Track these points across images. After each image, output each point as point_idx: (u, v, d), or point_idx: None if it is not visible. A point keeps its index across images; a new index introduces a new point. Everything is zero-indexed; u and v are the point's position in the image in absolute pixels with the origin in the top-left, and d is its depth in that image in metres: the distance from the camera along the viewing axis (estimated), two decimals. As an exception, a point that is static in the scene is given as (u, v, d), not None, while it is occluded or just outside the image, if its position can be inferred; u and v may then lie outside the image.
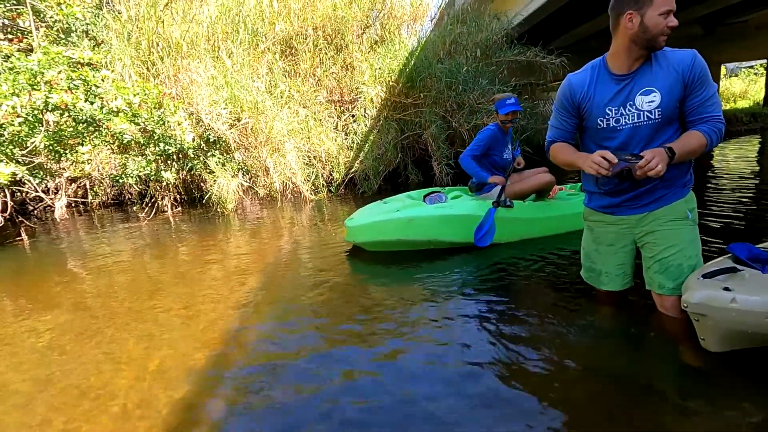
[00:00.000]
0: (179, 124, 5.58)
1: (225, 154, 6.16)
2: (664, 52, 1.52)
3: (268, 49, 7.14)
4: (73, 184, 6.38)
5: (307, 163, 6.65)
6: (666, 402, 1.44)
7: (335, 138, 6.92)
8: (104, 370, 1.90)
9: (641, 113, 1.52)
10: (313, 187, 6.59)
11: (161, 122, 5.49)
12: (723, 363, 1.52)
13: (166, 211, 5.95)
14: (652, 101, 1.49)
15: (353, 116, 7.18)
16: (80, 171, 5.73)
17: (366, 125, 6.97)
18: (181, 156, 5.99)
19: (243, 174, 6.31)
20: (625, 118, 1.55)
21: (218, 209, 5.84)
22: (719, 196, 4.41)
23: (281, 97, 6.75)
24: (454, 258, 3.13)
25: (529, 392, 1.52)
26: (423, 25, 9.11)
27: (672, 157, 1.42)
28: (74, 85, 4.84)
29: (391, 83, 7.04)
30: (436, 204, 3.37)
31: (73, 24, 6.28)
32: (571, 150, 1.69)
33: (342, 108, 7.39)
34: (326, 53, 7.44)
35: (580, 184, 3.66)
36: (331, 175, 6.84)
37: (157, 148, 5.58)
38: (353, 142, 6.94)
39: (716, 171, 6.06)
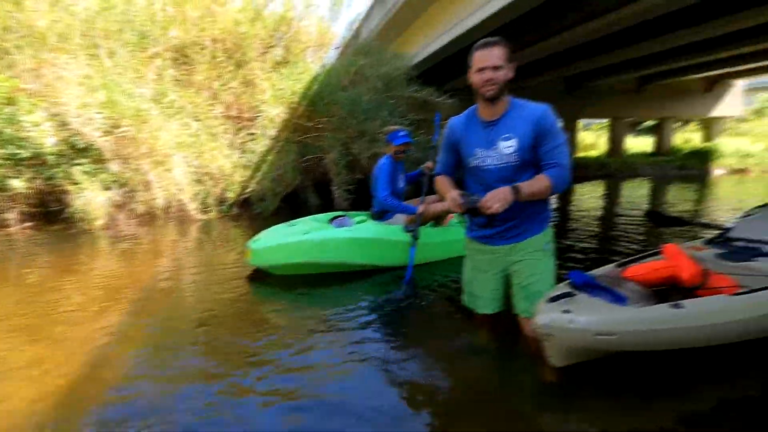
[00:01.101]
0: (37, 126, 4.78)
1: (96, 164, 5.41)
2: (525, 104, 1.77)
3: (159, 54, 6.58)
4: None
5: (196, 180, 6.16)
6: (524, 409, 1.64)
7: (230, 155, 6.56)
8: None
9: (502, 156, 1.74)
10: (202, 206, 6.11)
11: (11, 121, 4.65)
12: (572, 377, 1.72)
13: (11, 226, 4.97)
14: (510, 146, 1.72)
15: (251, 134, 6.91)
16: None
17: (265, 145, 6.75)
18: (38, 162, 5.11)
19: (118, 187, 5.60)
20: (490, 159, 1.77)
21: (83, 226, 5.06)
22: (574, 229, 5.16)
23: (171, 107, 6.22)
24: (353, 282, 3.14)
25: (410, 401, 1.67)
26: (328, 52, 9.29)
27: (517, 194, 1.62)
28: None
29: (293, 105, 6.97)
30: (343, 227, 3.38)
31: None
32: (446, 185, 1.89)
33: (240, 125, 7.06)
34: (225, 67, 7.10)
35: None
36: (223, 193, 6.43)
37: (4, 151, 4.69)
38: (250, 161, 6.64)
39: (573, 208, 7.10)
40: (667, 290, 2.01)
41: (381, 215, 3.52)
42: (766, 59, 12.44)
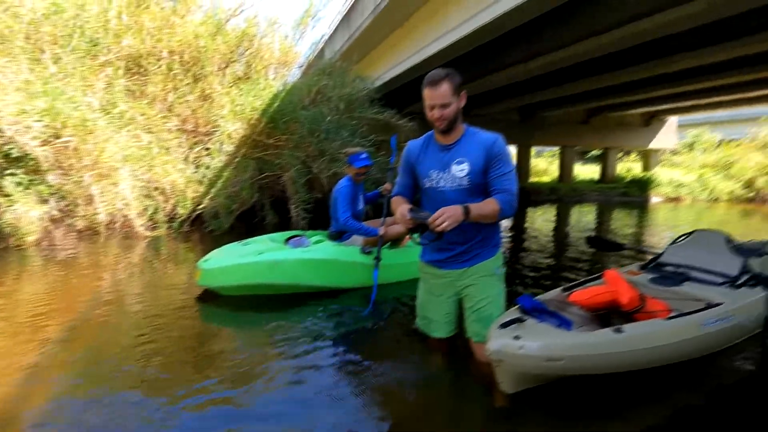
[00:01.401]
0: (-35, 131, 4.40)
1: (32, 175, 5.02)
2: (478, 132, 1.85)
3: (110, 62, 6.30)
4: None
5: (146, 195, 5.86)
6: None
7: (184, 170, 6.31)
8: None
9: (455, 179, 1.81)
10: (150, 222, 5.80)
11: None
12: (522, 402, 1.74)
13: (-74, 241, 4.49)
14: (463, 170, 1.79)
15: (207, 149, 6.70)
16: None
17: (221, 160, 6.56)
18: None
19: (57, 200, 5.22)
20: (444, 181, 1.83)
21: (13, 242, 4.65)
22: (525, 251, 5.33)
23: (120, 118, 5.93)
24: (308, 303, 3.07)
25: (359, 424, 1.66)
26: (290, 71, 9.27)
27: (467, 214, 1.66)
28: None
29: (252, 121, 6.85)
30: (300, 248, 3.30)
31: None
32: (400, 204, 1.89)
33: (195, 139, 6.84)
34: (182, 80, 6.90)
35: None
36: (174, 209, 6.14)
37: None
38: (204, 177, 6.41)
39: (527, 231, 7.36)
40: (608, 314, 2.10)
41: (338, 235, 3.49)
42: (693, 99, 13.75)
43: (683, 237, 2.89)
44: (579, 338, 1.72)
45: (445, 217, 1.59)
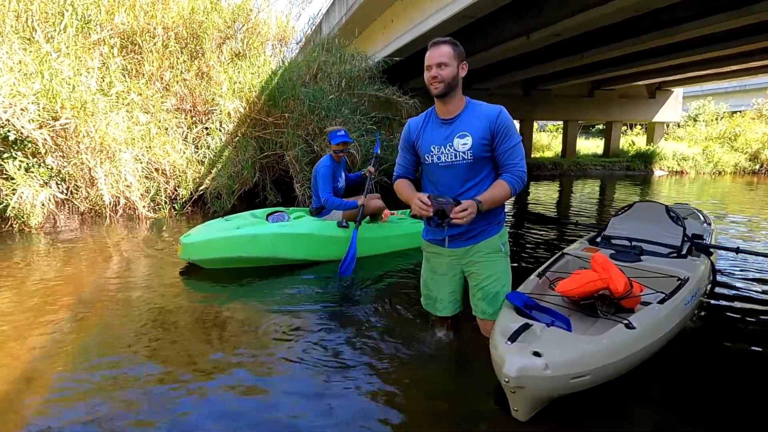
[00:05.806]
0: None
1: (32, 158, 4.99)
2: (480, 104, 1.80)
3: (104, 40, 6.16)
4: None
5: (146, 176, 5.83)
6: (483, 410, 1.64)
7: (184, 150, 6.25)
8: None
9: (457, 153, 1.76)
10: (152, 204, 5.79)
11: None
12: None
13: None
14: (466, 144, 1.74)
15: (207, 129, 6.62)
16: None
17: (221, 140, 6.49)
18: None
19: (57, 183, 5.19)
20: (445, 156, 1.78)
21: (16, 225, 4.66)
22: (529, 228, 5.32)
23: (117, 99, 5.84)
24: (297, 277, 3.16)
25: (364, 405, 1.68)
26: (288, 46, 9.07)
27: (480, 205, 1.64)
28: None
29: (251, 99, 6.74)
30: (278, 222, 3.44)
31: None
32: (408, 188, 1.88)
33: (194, 119, 6.75)
34: (178, 57, 6.76)
35: (408, 210, 3.99)
36: (176, 190, 6.12)
37: None
38: (205, 157, 6.36)
39: (529, 206, 7.34)
40: (593, 301, 1.98)
41: (319, 211, 3.62)
42: (699, 69, 13.44)
43: (624, 209, 2.87)
44: (599, 346, 1.53)
45: (469, 212, 1.58)
